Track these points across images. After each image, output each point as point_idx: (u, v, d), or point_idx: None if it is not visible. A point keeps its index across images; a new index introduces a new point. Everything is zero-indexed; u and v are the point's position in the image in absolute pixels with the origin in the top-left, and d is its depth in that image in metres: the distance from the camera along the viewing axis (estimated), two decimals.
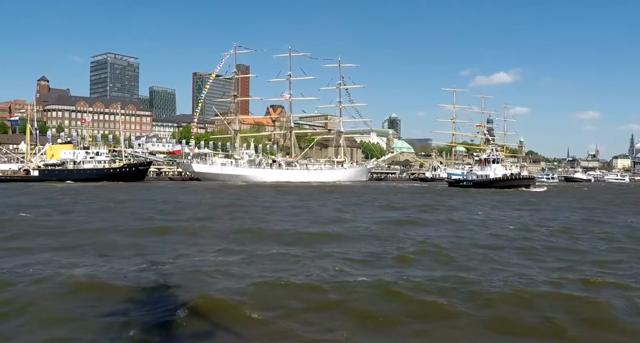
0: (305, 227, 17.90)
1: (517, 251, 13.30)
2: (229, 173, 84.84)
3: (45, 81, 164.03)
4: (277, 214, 23.37)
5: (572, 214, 26.32)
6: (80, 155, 72.30)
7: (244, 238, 14.80)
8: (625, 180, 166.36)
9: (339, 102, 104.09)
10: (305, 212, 24.65)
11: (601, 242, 15.42)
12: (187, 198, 34.28)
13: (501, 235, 16.47)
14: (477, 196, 44.52)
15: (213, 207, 27.37)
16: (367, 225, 18.60)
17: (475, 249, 13.31)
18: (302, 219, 21.07)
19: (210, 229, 16.94)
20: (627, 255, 12.98)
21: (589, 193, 60.61)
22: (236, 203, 30.62)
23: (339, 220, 20.56)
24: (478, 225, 19.84)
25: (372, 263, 11.24)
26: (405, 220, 21.20)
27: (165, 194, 39.45)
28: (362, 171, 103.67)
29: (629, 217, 24.78)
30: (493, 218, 23.16)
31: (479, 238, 15.66)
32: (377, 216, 23.07)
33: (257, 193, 43.29)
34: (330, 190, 53.77)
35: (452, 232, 17.42)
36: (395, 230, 17.36)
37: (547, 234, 16.94)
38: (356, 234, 16.20)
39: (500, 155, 69.23)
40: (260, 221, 19.81)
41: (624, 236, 16.77)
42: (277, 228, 17.26)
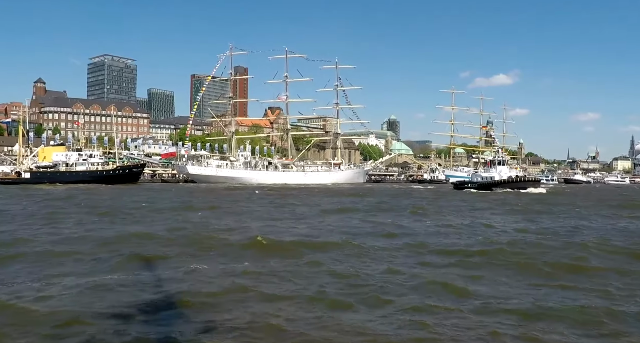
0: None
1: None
2: (224, 175, 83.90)
3: (42, 83, 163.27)
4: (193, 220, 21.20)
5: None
6: (72, 157, 71.42)
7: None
8: (626, 182, 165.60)
9: (336, 103, 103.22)
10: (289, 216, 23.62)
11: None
12: (130, 202, 32.36)
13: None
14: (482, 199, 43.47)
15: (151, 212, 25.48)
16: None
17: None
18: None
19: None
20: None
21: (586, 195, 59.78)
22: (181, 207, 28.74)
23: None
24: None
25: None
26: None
27: (136, 197, 37.81)
28: (359, 173, 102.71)
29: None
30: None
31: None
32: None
33: (239, 197, 42.26)
34: (330, 192, 52.88)
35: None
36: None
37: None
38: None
39: (506, 157, 68.83)
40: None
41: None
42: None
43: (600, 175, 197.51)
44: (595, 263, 12.11)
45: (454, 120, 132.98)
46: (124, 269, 10.53)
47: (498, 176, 63.44)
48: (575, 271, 11.16)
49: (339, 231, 17.67)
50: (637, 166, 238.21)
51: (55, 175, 68.22)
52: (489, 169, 67.55)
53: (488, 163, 69.52)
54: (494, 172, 65.07)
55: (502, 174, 63.67)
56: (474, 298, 8.57)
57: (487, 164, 69.88)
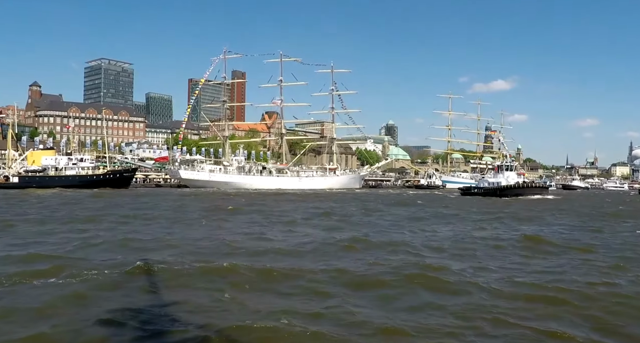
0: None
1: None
2: (218, 180, 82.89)
3: (37, 86, 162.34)
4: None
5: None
6: (62, 162, 70.47)
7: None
8: (625, 188, 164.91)
9: (331, 107, 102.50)
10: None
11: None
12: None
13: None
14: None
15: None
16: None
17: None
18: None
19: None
20: None
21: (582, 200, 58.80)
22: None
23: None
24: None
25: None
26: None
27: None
28: (355, 178, 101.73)
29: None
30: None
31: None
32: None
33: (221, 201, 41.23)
34: (324, 196, 51.79)
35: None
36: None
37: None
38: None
39: (514, 163, 67.47)
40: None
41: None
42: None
43: (599, 181, 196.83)
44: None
45: (451, 125, 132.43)
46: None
47: (505, 182, 62.19)
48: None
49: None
50: (635, 172, 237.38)
51: (44, 179, 67.17)
52: (496, 175, 66.26)
53: (495, 168, 68.28)
54: (501, 177, 63.80)
55: (509, 180, 62.42)
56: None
57: (495, 169, 68.59)
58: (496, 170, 67.44)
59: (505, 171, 64.33)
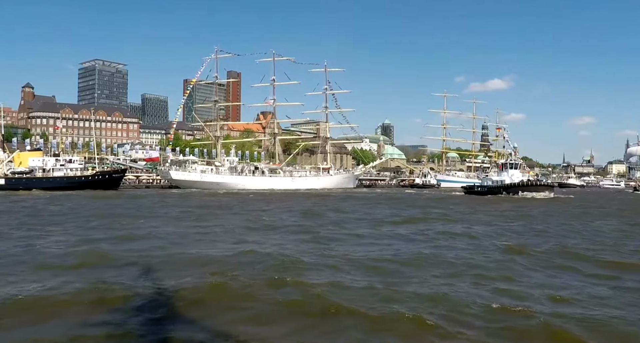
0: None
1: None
2: (209, 180, 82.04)
3: (30, 88, 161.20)
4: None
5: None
6: (49, 163, 69.51)
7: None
8: (621, 186, 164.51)
9: (325, 107, 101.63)
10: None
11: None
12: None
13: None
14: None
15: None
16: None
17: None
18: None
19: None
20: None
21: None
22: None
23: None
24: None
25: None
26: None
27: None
28: (349, 178, 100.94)
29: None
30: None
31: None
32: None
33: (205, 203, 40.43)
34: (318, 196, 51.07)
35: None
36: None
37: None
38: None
39: (519, 161, 65.77)
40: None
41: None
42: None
43: (595, 179, 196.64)
44: None
45: (446, 124, 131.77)
46: None
47: (510, 180, 60.72)
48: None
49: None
50: (631, 169, 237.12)
51: (31, 181, 66.25)
52: (500, 173, 64.62)
53: (500, 166, 66.39)
54: (505, 175, 62.32)
55: (513, 178, 60.92)
56: None
57: (499, 167, 66.70)
58: (500, 168, 65.68)
59: (510, 169, 62.77)
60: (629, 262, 13.46)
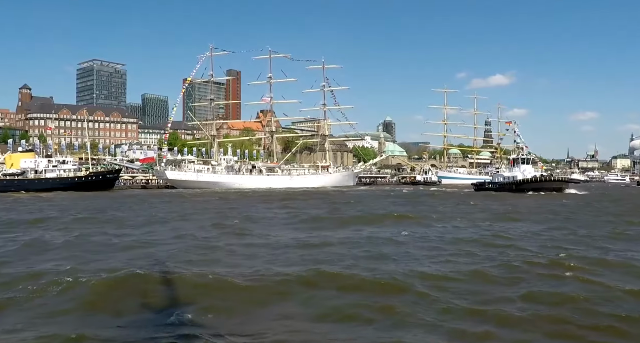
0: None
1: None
2: (205, 180, 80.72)
3: (28, 89, 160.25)
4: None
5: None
6: (41, 164, 68.37)
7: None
8: (626, 180, 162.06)
9: (323, 104, 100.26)
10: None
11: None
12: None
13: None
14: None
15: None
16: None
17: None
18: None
19: None
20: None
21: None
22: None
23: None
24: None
25: None
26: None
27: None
28: (348, 176, 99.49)
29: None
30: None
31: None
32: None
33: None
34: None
35: None
36: None
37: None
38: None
39: (531, 155, 63.40)
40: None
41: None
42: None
43: (599, 174, 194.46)
44: None
45: (447, 120, 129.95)
46: None
47: (522, 176, 58.41)
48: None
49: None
50: (636, 164, 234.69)
51: (23, 182, 65.15)
52: (512, 168, 62.41)
53: (511, 161, 64.18)
54: (517, 171, 60.02)
55: (526, 174, 58.67)
56: None
57: (510, 162, 64.51)
58: (512, 164, 63.41)
59: (522, 164, 60.49)
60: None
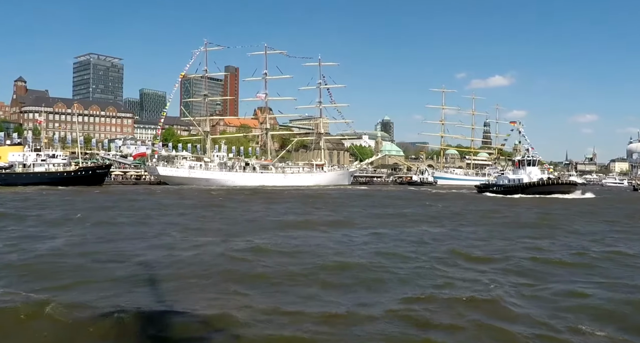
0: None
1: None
2: (198, 177, 79.91)
3: (23, 82, 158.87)
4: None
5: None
6: (30, 158, 67.29)
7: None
8: (624, 184, 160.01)
9: (319, 102, 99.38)
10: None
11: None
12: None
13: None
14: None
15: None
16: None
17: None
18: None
19: None
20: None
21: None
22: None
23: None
24: None
25: None
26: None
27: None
28: (343, 175, 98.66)
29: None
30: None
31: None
32: None
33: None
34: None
35: None
36: None
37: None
38: None
39: (537, 156, 60.50)
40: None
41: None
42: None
43: (597, 177, 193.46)
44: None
45: (444, 120, 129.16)
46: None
47: (527, 178, 55.85)
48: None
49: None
50: (634, 168, 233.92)
51: (10, 176, 64.12)
52: (516, 170, 59.44)
53: (516, 163, 60.96)
54: (522, 173, 57.30)
55: (532, 176, 56.07)
56: None
57: (516, 164, 61.26)
58: (517, 166, 60.20)
59: (527, 166, 57.69)
60: None
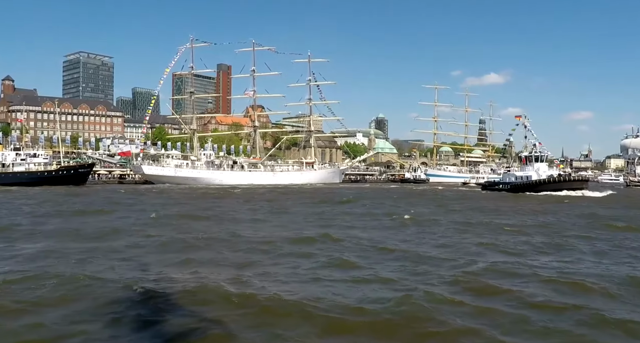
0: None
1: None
2: (184, 175, 78.17)
3: (10, 81, 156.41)
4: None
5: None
6: (9, 157, 65.49)
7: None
8: (620, 181, 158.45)
9: (308, 99, 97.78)
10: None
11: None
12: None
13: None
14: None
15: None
16: None
17: None
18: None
19: None
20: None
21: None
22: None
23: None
24: None
25: None
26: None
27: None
28: (334, 172, 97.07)
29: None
30: None
31: None
32: None
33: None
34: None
35: None
36: None
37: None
38: None
39: (545, 152, 58.10)
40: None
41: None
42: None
43: (592, 174, 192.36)
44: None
45: (437, 117, 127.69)
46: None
47: (536, 175, 53.60)
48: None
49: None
50: (629, 164, 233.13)
51: None
52: (524, 167, 57.21)
53: (523, 159, 58.60)
54: (530, 170, 55.03)
55: (540, 173, 53.96)
56: None
57: (522, 160, 58.97)
58: (524, 162, 57.91)
59: (535, 163, 55.46)
60: None
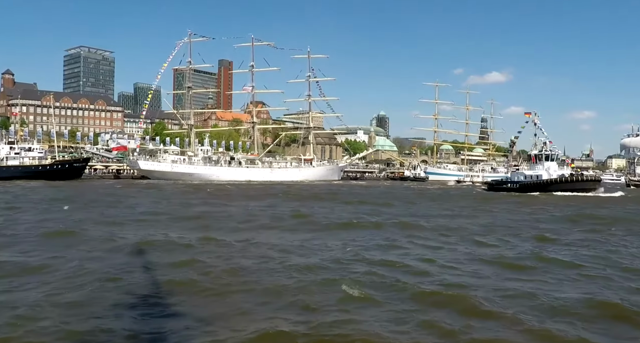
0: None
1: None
2: (180, 171, 77.69)
3: (10, 74, 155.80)
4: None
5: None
6: (3, 151, 65.22)
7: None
8: (621, 180, 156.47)
9: (307, 95, 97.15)
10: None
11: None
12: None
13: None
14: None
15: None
16: None
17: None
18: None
19: None
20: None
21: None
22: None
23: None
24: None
25: None
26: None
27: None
28: (332, 170, 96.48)
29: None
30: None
31: None
32: None
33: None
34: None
35: None
36: None
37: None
38: None
39: (555, 150, 56.60)
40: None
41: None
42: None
43: (594, 174, 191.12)
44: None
45: (438, 114, 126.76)
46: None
47: (547, 174, 51.76)
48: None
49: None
50: (631, 164, 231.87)
51: None
52: (533, 166, 55.45)
53: (532, 158, 56.51)
54: (540, 169, 53.22)
55: (551, 172, 52.21)
56: None
57: (532, 159, 56.84)
58: (533, 161, 56.04)
59: (545, 161, 53.66)
60: None
